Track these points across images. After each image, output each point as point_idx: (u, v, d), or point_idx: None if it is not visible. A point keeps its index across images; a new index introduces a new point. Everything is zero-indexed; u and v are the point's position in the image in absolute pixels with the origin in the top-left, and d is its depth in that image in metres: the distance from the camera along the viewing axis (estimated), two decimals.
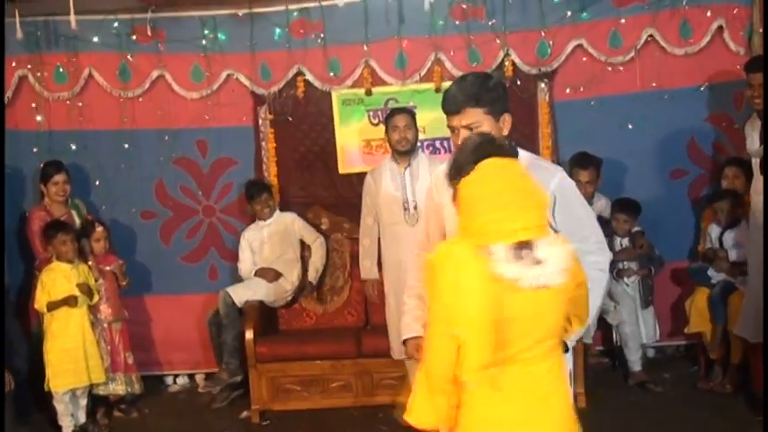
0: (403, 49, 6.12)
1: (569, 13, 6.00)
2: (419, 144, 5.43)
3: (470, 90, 2.90)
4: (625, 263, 5.81)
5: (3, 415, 3.37)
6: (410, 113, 5.29)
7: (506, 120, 2.96)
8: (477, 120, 2.88)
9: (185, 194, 6.42)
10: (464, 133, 2.89)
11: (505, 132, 2.95)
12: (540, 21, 6.02)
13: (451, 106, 2.93)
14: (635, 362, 5.76)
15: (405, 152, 5.21)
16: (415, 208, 5.15)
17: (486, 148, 2.45)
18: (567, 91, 6.15)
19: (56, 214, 5.79)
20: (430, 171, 5.22)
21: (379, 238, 5.42)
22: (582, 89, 6.12)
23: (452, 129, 2.96)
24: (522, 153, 2.92)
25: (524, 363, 2.36)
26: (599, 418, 4.85)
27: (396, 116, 5.26)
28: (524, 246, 2.28)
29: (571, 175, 5.70)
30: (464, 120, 2.90)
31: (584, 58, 6.09)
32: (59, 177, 5.81)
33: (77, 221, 5.90)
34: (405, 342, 3.31)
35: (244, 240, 6.10)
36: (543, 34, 6.03)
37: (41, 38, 6.13)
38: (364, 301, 6.14)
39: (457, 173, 2.45)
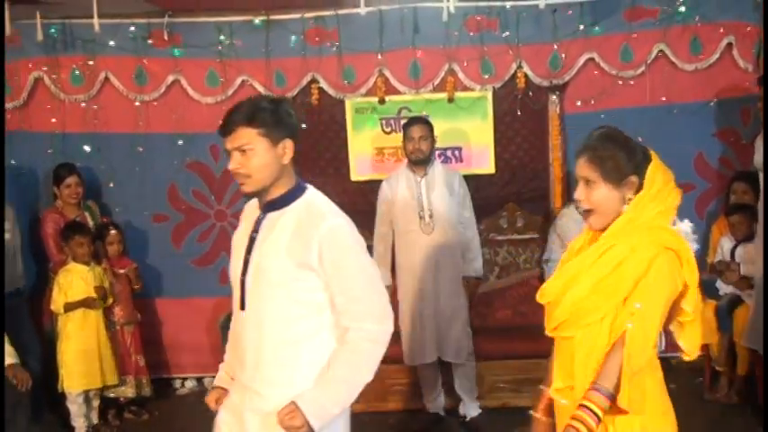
0: (417, 59, 6.18)
1: (582, 27, 6.08)
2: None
3: (246, 110, 2.67)
4: None
5: (2, 414, 3.42)
6: (427, 123, 5.33)
7: (287, 146, 2.72)
8: (249, 141, 2.64)
9: (198, 198, 6.46)
10: (236, 156, 2.66)
11: (285, 161, 2.72)
12: (552, 34, 6.10)
13: (224, 126, 2.67)
14: None
15: (420, 162, 5.27)
16: (431, 216, 5.21)
17: None
18: (578, 104, 6.23)
19: (69, 216, 5.83)
20: (445, 180, 5.31)
21: (393, 245, 5.47)
22: (592, 102, 6.20)
23: (227, 152, 2.70)
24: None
25: None
26: None
27: (412, 126, 5.30)
28: None
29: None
30: (235, 141, 2.65)
31: (596, 72, 6.18)
32: (71, 180, 5.85)
33: (91, 224, 5.93)
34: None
35: None
36: (556, 47, 6.11)
37: (59, 40, 6.17)
38: None
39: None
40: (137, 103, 6.28)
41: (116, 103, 6.30)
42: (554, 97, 6.24)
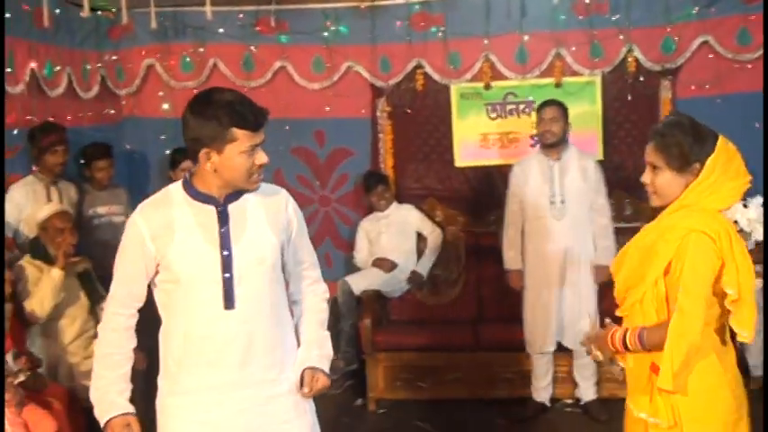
0: (524, 44, 6.10)
1: (696, 9, 5.89)
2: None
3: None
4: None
5: (2, 413, 3.52)
6: (559, 105, 5.23)
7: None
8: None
9: (302, 184, 6.52)
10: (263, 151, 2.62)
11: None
12: (665, 16, 5.93)
13: (259, 121, 2.59)
14: (757, 366, 5.64)
15: (551, 145, 5.18)
16: (563, 202, 5.13)
17: None
18: (692, 88, 6.04)
19: None
20: (580, 165, 5.20)
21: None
22: (707, 87, 6.01)
23: (252, 147, 2.59)
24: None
25: None
26: None
27: (544, 108, 5.22)
28: None
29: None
30: (263, 136, 2.63)
31: (711, 55, 5.98)
32: (187, 164, 5.95)
33: None
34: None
35: (361, 230, 6.20)
36: (668, 30, 5.94)
37: (170, 28, 6.30)
38: (478, 294, 6.16)
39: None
40: (245, 90, 6.36)
41: None
42: (666, 82, 6.08)
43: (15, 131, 5.17)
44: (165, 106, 6.42)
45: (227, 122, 2.53)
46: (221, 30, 6.29)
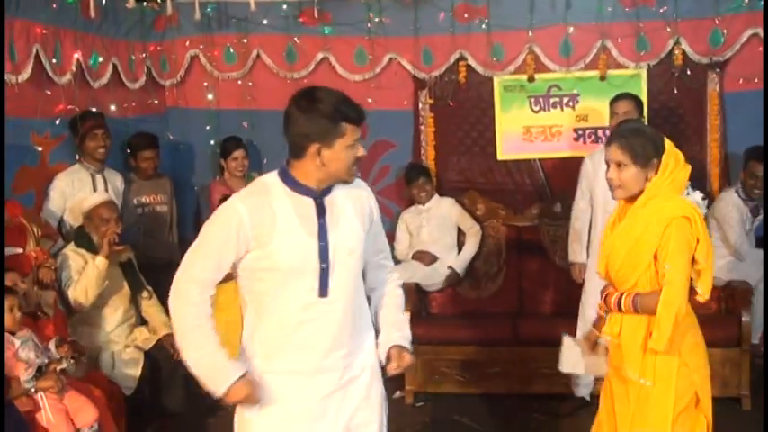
0: (568, 36, 6.02)
1: (746, 1, 5.77)
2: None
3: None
4: None
5: (2, 414, 3.56)
6: (633, 98, 5.17)
7: None
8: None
9: None
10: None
11: None
12: (713, 8, 5.83)
13: (362, 115, 2.80)
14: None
15: None
16: None
17: None
18: (740, 81, 5.92)
19: (235, 188, 5.96)
20: None
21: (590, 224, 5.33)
22: (756, 80, 5.87)
23: (357, 140, 2.77)
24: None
25: None
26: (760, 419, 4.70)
27: (617, 101, 5.16)
28: None
29: (747, 167, 5.54)
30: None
31: (760, 48, 5.84)
32: (238, 153, 6.00)
33: None
34: None
35: (402, 222, 6.18)
36: (717, 22, 5.83)
37: (214, 19, 6.34)
38: (518, 289, 6.12)
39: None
40: (287, 81, 6.39)
41: (268, 81, 6.42)
42: (713, 75, 5.97)
43: (58, 121, 5.24)
44: (210, 97, 6.47)
45: (337, 118, 2.70)
46: (265, 21, 6.31)
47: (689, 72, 5.98)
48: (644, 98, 6.03)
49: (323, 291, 2.76)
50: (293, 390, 2.80)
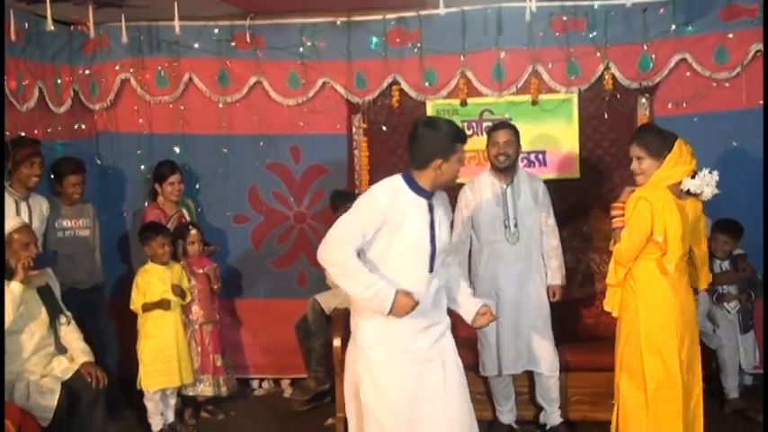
0: (500, 60, 6.05)
1: (674, 27, 5.84)
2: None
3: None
4: (725, 287, 5.61)
5: (2, 416, 3.46)
6: (513, 128, 5.16)
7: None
8: None
9: (277, 200, 6.48)
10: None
11: None
12: (642, 34, 5.89)
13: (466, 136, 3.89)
14: (732, 389, 5.55)
15: (505, 168, 5.11)
16: (516, 226, 5.08)
17: None
18: (669, 106, 5.98)
19: (169, 213, 5.95)
20: (531, 188, 5.14)
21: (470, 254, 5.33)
22: (684, 104, 5.94)
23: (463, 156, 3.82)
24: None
25: None
26: None
27: (498, 131, 5.13)
28: None
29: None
30: None
31: (688, 73, 5.92)
32: (174, 178, 5.93)
33: (188, 219, 6.04)
34: None
35: None
36: (645, 47, 5.89)
37: (144, 42, 6.28)
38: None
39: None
40: (220, 105, 6.34)
41: (200, 105, 6.38)
42: (643, 100, 6.01)
43: None
44: (141, 121, 6.39)
45: (455, 138, 3.67)
46: (196, 44, 6.27)
47: (619, 96, 6.01)
48: (575, 123, 6.09)
49: (431, 268, 3.73)
50: (410, 345, 3.72)
